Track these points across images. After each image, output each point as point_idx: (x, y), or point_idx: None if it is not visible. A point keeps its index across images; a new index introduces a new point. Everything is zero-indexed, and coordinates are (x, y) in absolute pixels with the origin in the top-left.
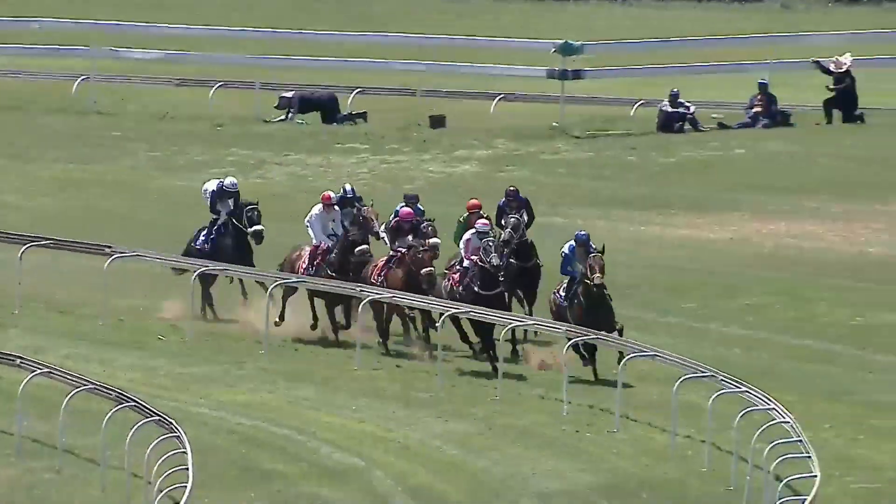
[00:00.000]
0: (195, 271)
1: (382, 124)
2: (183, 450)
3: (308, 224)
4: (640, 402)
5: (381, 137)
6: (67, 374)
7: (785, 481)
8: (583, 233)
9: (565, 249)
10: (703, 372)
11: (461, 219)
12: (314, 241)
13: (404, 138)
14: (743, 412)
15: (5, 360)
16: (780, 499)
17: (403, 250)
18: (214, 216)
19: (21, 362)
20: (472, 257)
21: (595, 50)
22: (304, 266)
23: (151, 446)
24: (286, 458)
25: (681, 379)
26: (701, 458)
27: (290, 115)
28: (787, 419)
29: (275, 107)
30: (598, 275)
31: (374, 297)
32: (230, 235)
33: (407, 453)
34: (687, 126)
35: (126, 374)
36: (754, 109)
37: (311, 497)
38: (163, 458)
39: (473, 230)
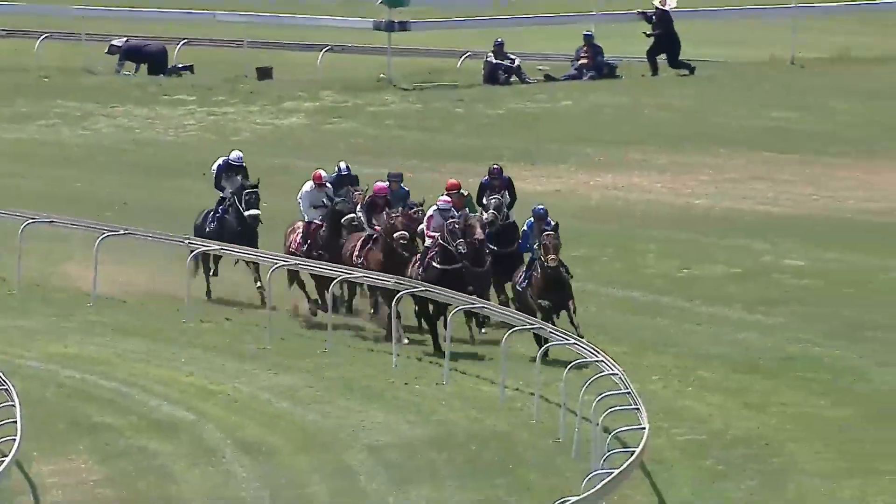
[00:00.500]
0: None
1: (209, 76)
2: (11, 403)
3: (299, 201)
4: (469, 355)
5: (209, 89)
6: None
7: (614, 433)
8: (540, 207)
9: (524, 227)
10: (531, 324)
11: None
12: (304, 219)
13: (231, 90)
14: (571, 364)
15: None
16: (609, 451)
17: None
18: (220, 193)
19: None
20: (433, 234)
21: (421, 2)
22: (299, 242)
23: None
24: (115, 410)
25: (509, 332)
26: (529, 410)
27: (119, 67)
28: (616, 371)
29: (105, 52)
30: (551, 256)
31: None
32: (234, 215)
33: (236, 406)
34: (513, 78)
35: None
36: (580, 61)
37: (140, 450)
38: None
39: (435, 207)
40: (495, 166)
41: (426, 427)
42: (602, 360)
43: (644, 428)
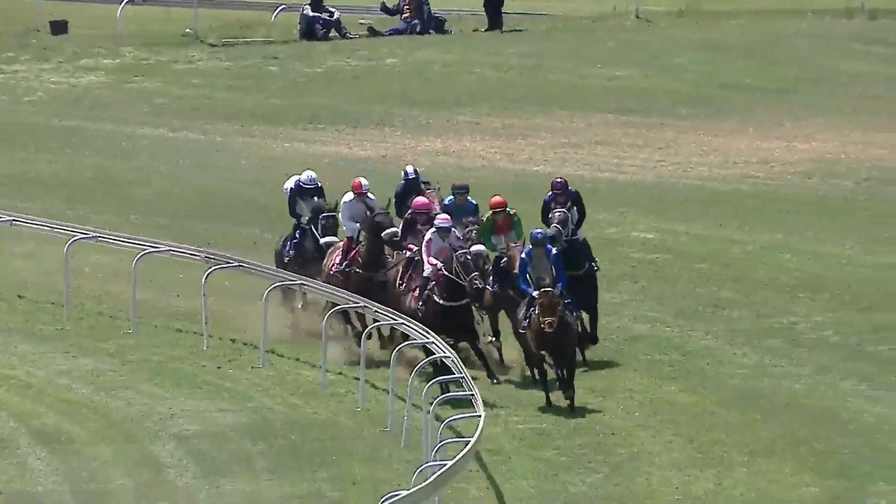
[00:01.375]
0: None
1: None
2: None
3: (340, 217)
4: (287, 336)
5: None
6: None
7: (446, 422)
8: (538, 231)
9: (523, 255)
10: (355, 303)
11: (485, 217)
12: (346, 234)
13: (22, 45)
14: (400, 346)
15: None
16: (441, 441)
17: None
18: (296, 220)
19: None
20: (432, 261)
21: None
22: (337, 262)
23: None
24: None
25: (332, 310)
26: (354, 396)
27: None
28: (449, 355)
29: None
30: (548, 320)
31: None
32: (311, 239)
33: (31, 392)
34: (332, 33)
35: None
36: (404, 15)
37: None
38: None
39: (433, 229)
40: (558, 180)
41: (241, 415)
42: (433, 342)
43: (479, 416)
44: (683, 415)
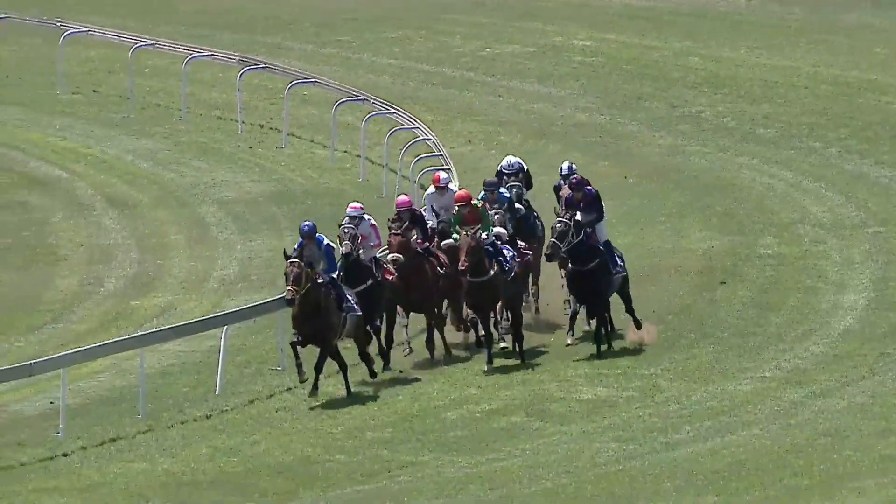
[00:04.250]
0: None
1: None
2: None
3: (423, 205)
4: (304, 123)
5: None
6: None
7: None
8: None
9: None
10: (356, 96)
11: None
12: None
13: None
14: (392, 131)
15: None
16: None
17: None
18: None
19: None
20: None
21: None
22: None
23: None
24: None
25: (338, 102)
26: (357, 170)
27: None
28: (430, 136)
29: None
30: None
31: None
32: None
33: (104, 166)
34: None
35: None
36: None
37: (21, 204)
38: None
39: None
40: (575, 177)
41: (268, 184)
42: (417, 127)
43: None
44: (610, 184)
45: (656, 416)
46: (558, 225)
